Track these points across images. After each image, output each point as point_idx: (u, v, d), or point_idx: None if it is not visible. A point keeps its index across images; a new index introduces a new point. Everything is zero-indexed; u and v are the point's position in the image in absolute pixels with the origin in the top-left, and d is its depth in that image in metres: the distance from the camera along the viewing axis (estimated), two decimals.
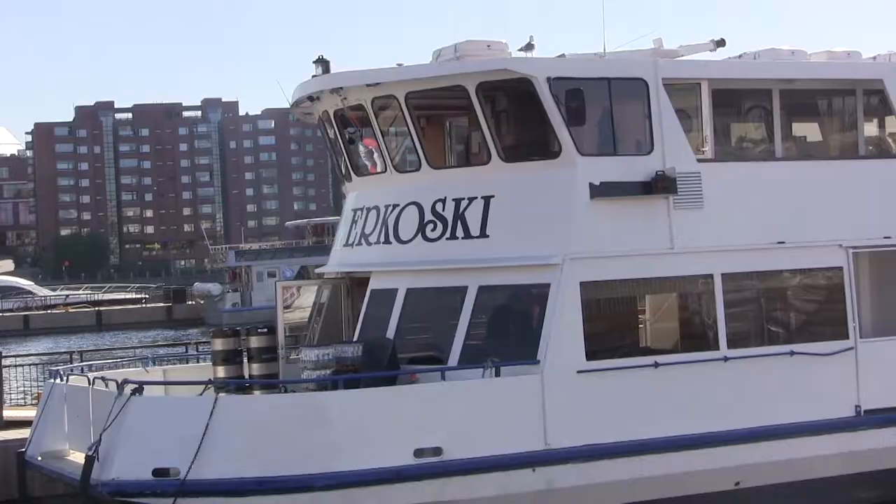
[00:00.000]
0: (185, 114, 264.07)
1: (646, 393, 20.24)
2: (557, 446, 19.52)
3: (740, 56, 23.58)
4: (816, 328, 21.89)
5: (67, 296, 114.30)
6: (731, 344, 20.96)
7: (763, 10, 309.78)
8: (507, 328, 20.70)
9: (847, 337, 21.79)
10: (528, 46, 21.56)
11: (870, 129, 24.41)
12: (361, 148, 22.40)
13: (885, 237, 22.39)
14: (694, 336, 21.25)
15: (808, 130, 24.30)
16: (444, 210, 20.93)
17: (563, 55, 21.94)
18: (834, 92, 23.80)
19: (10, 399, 30.01)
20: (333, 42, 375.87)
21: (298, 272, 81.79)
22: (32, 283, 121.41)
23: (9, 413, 27.09)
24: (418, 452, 18.77)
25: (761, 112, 23.12)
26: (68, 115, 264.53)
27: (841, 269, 21.95)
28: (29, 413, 25.71)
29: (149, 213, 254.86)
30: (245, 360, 22.80)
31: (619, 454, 19.86)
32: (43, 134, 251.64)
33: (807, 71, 23.01)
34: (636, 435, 20.00)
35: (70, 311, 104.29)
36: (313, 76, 22.05)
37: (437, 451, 18.87)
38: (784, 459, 21.08)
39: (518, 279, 20.42)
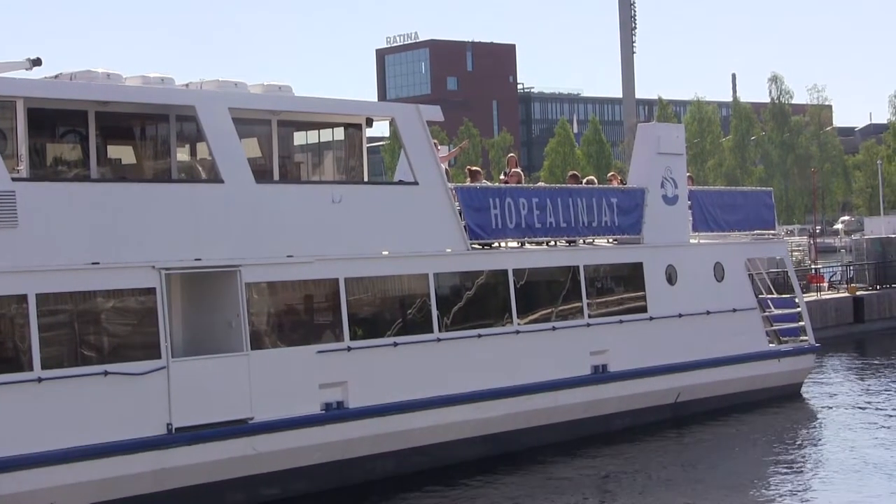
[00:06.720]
0: None
1: None
2: None
3: (57, 76, 23.50)
4: (130, 349, 22.16)
5: None
6: (46, 365, 20.83)
7: (80, 36, 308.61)
8: None
9: (160, 357, 22.20)
10: None
11: (182, 154, 25.12)
12: None
13: (196, 259, 23.07)
14: (7, 359, 20.85)
15: (124, 153, 24.64)
16: None
17: None
18: (149, 117, 24.31)
19: None
20: None
21: None
22: None
23: None
24: None
25: (78, 133, 23.22)
26: None
27: (154, 290, 22.36)
28: None
29: None
30: None
31: None
32: None
33: (123, 94, 23.32)
34: None
35: None
36: None
37: None
38: (96, 479, 21.20)
39: None
